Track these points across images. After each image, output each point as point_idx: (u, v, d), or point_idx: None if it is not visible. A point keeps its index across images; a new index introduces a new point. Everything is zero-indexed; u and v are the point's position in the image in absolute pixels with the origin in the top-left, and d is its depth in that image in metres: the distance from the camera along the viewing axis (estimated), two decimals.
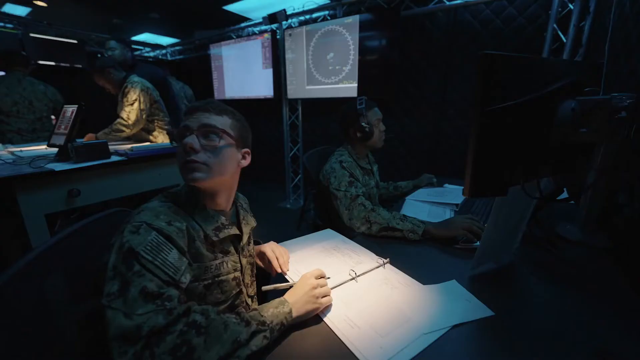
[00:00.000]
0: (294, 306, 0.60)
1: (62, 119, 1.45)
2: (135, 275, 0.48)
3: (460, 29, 2.33)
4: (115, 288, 0.47)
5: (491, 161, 0.57)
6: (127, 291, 0.47)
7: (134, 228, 0.53)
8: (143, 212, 0.57)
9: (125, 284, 0.47)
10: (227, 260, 0.69)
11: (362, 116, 1.28)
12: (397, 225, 0.98)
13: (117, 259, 0.50)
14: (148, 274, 0.49)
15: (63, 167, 1.25)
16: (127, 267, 0.49)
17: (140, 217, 0.55)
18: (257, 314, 0.56)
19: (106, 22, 3.82)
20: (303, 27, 2.90)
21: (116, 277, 0.48)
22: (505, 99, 0.54)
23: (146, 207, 0.59)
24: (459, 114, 2.49)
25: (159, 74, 2.63)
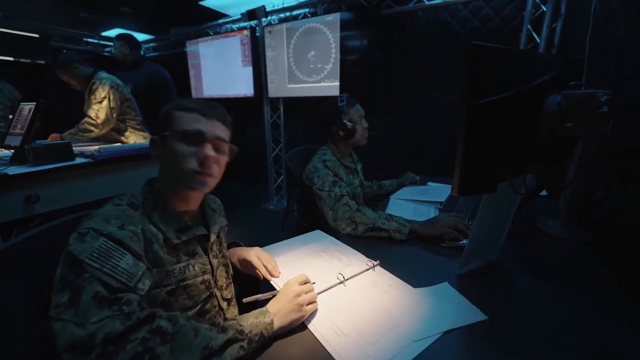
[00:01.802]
0: (276, 316, 0.56)
1: (18, 118, 1.32)
2: (86, 282, 0.45)
3: (440, 28, 2.35)
4: (65, 298, 0.43)
5: (480, 157, 0.55)
6: (79, 299, 0.43)
7: (80, 235, 0.49)
8: (93, 217, 0.53)
9: (76, 292, 0.44)
10: (193, 262, 0.64)
11: (344, 113, 1.25)
12: (383, 225, 0.95)
13: (64, 268, 0.47)
14: (98, 281, 0.46)
15: (19, 170, 1.13)
16: (76, 275, 0.45)
17: (88, 224, 0.51)
18: (234, 323, 0.52)
19: (72, 16, 3.58)
20: (283, 25, 2.84)
21: (65, 288, 0.45)
22: (493, 92, 0.52)
23: (97, 212, 0.55)
24: (440, 113, 2.52)
25: (158, 74, 2.53)
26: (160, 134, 0.62)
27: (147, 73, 2.44)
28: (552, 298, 0.66)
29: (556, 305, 0.63)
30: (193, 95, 3.91)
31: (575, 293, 0.67)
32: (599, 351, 0.51)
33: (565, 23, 1.89)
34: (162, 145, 0.62)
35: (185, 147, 0.60)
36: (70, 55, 1.90)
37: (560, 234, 0.94)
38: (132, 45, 2.47)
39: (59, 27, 3.84)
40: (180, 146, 0.60)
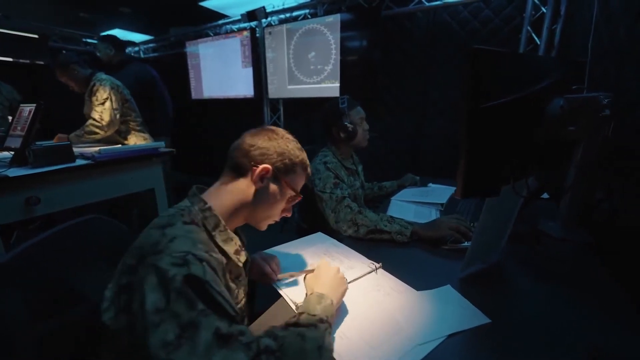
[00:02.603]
0: (332, 295, 0.57)
1: (19, 120, 1.31)
2: (201, 315, 0.39)
3: (440, 29, 2.36)
4: (172, 336, 0.37)
5: (483, 161, 0.55)
6: (196, 336, 0.37)
7: (179, 260, 0.42)
8: (176, 239, 0.46)
9: (189, 327, 0.38)
10: (240, 286, 0.63)
11: (344, 115, 1.25)
12: (385, 227, 0.95)
13: (165, 297, 0.39)
14: (215, 312, 0.41)
15: (19, 172, 1.13)
16: (188, 306, 0.39)
17: (179, 247, 0.45)
18: (308, 316, 0.51)
19: (72, 16, 3.57)
20: (283, 26, 2.84)
21: (168, 321, 0.38)
22: (495, 96, 0.52)
23: (175, 233, 0.47)
24: (439, 113, 2.52)
25: (147, 73, 2.52)
26: (278, 175, 0.64)
27: (135, 73, 2.41)
28: (553, 300, 0.66)
29: (557, 307, 0.64)
30: (193, 96, 3.90)
31: (576, 295, 0.67)
32: (599, 353, 0.51)
33: (565, 25, 1.90)
34: (272, 183, 0.64)
35: (284, 201, 0.67)
36: (69, 56, 1.89)
37: (560, 235, 0.94)
38: (117, 45, 2.45)
39: (58, 28, 3.83)
40: (283, 198, 0.66)
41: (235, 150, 0.64)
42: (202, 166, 4.53)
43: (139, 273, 0.42)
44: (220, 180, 0.65)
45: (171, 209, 0.56)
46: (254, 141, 0.63)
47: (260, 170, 0.61)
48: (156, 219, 0.52)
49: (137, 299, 0.40)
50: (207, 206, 0.58)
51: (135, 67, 2.47)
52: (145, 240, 0.47)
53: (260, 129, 0.68)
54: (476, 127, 0.52)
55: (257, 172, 0.61)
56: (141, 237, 0.49)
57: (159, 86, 2.62)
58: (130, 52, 4.79)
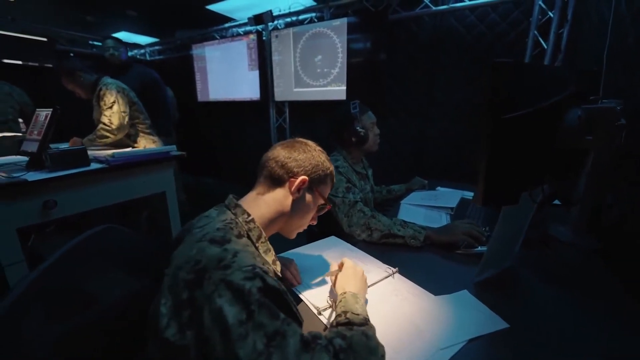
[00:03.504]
0: (362, 294, 0.62)
1: (35, 124, 1.33)
2: (284, 324, 0.41)
3: (446, 33, 2.37)
4: (261, 345, 0.38)
5: (503, 170, 0.56)
6: (284, 344, 0.39)
7: (250, 274, 0.43)
8: (239, 254, 0.47)
9: (276, 336, 0.39)
10: None
11: (356, 120, 1.26)
12: (398, 231, 0.96)
13: (246, 310, 0.40)
14: (294, 320, 0.43)
15: (38, 176, 1.15)
16: (271, 316, 0.41)
17: (244, 261, 0.46)
18: (353, 315, 0.54)
19: (78, 18, 3.61)
20: (290, 29, 2.86)
21: (254, 332, 0.39)
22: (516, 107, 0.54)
23: (236, 248, 0.48)
24: (444, 116, 2.53)
25: (150, 76, 2.54)
26: (312, 186, 0.68)
27: (138, 75, 2.43)
28: (566, 304, 0.68)
29: (570, 312, 0.65)
30: (199, 99, 3.93)
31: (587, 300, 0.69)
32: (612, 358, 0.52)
33: (572, 29, 1.91)
34: (307, 193, 0.68)
35: (315, 210, 0.71)
36: (74, 63, 1.89)
37: (570, 240, 0.96)
38: (123, 47, 2.48)
39: (65, 30, 3.86)
40: (315, 207, 0.70)
41: (269, 161, 0.66)
42: (207, 167, 4.55)
43: (205, 288, 0.42)
44: (255, 190, 0.67)
45: (217, 223, 0.55)
46: (289, 153, 0.66)
47: (299, 182, 0.64)
48: (202, 232, 0.51)
49: (208, 313, 0.40)
50: (250, 218, 0.60)
51: (138, 69, 2.49)
52: (200, 255, 0.46)
53: (292, 141, 0.70)
54: (497, 138, 0.53)
55: (296, 184, 0.64)
56: (189, 251, 0.48)
57: (161, 88, 2.65)
58: (136, 54, 4.83)
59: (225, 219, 0.56)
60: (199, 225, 0.55)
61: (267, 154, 0.68)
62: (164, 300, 0.45)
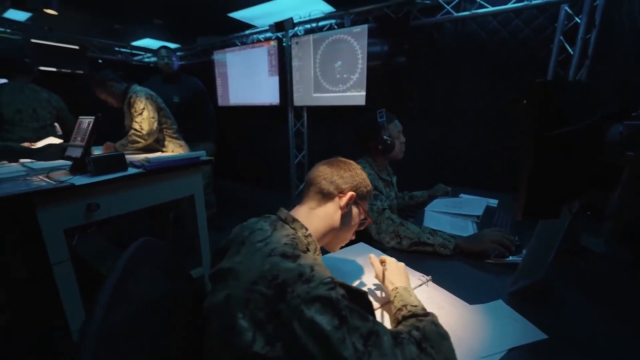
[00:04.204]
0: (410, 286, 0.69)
1: (78, 131, 1.42)
2: (375, 324, 0.45)
3: (468, 39, 2.37)
4: (360, 345, 0.41)
5: (544, 185, 0.58)
6: (380, 342, 0.43)
7: (331, 284, 0.47)
8: (315, 267, 0.49)
9: (370, 336, 0.43)
10: None
11: (383, 129, 1.29)
12: (428, 240, 0.98)
13: (337, 317, 0.43)
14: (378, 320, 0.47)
15: (83, 181, 1.23)
16: (362, 319, 0.44)
17: (321, 274, 0.48)
18: (413, 307, 0.59)
19: (108, 27, 3.79)
20: (310, 36, 2.91)
21: (351, 334, 0.42)
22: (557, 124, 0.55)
23: (309, 262, 0.51)
24: (466, 123, 2.52)
25: (199, 85, 2.74)
26: (357, 201, 0.72)
27: (189, 85, 2.64)
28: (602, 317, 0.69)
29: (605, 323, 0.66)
30: (219, 103, 4.04)
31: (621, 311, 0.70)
32: None
33: (600, 34, 1.88)
34: (353, 208, 0.72)
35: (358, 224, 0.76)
36: (105, 74, 1.99)
37: (601, 250, 0.95)
38: (175, 56, 2.63)
39: (95, 38, 4.06)
40: (358, 221, 0.75)
41: (318, 178, 0.71)
42: (226, 170, 4.66)
43: (289, 302, 0.44)
44: (307, 204, 0.71)
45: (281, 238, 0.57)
46: (337, 171, 0.71)
47: (349, 197, 0.69)
48: (268, 247, 0.53)
49: (299, 325, 0.43)
50: (308, 232, 0.65)
51: (188, 79, 2.70)
52: (276, 269, 0.48)
53: (335, 160, 0.76)
54: (539, 154, 0.55)
55: (346, 199, 0.69)
56: (261, 265, 0.50)
57: (207, 97, 2.85)
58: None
59: (288, 234, 0.59)
60: (257, 239, 0.56)
61: (314, 171, 0.73)
62: (240, 314, 0.46)
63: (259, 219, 0.66)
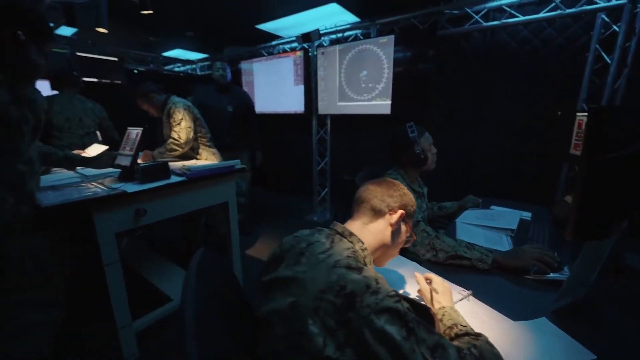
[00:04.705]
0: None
1: (127, 141, 1.54)
2: (440, 337, 0.49)
3: (497, 48, 2.35)
4: (428, 356, 0.46)
5: (595, 207, 0.59)
6: (446, 354, 0.47)
7: (396, 297, 0.51)
8: (379, 280, 0.53)
9: (437, 348, 0.47)
10: None
11: (415, 144, 1.31)
12: (465, 253, 0.99)
13: (405, 328, 0.47)
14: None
15: (133, 188, 1.33)
16: (428, 331, 0.48)
17: (386, 286, 0.53)
18: (463, 327, 0.62)
19: (143, 40, 4.03)
20: (336, 46, 2.98)
21: (419, 345, 0.46)
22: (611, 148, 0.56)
23: (373, 275, 0.55)
24: (494, 132, 2.49)
25: (248, 96, 2.91)
26: (405, 219, 0.76)
27: (240, 95, 2.80)
28: None
29: None
30: None
31: None
32: None
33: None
34: (402, 225, 0.76)
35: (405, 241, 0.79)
36: (147, 86, 2.13)
37: None
38: (229, 69, 2.77)
39: (131, 50, 4.32)
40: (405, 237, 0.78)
41: (369, 196, 0.76)
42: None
43: (359, 311, 0.48)
44: (359, 219, 0.75)
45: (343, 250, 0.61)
46: (387, 190, 0.76)
47: (399, 215, 0.73)
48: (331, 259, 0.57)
49: (370, 333, 0.46)
50: (364, 246, 0.69)
51: (238, 91, 2.86)
52: (343, 280, 0.52)
53: (382, 180, 0.80)
54: (592, 178, 0.56)
55: (396, 216, 0.73)
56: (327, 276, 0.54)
57: (253, 107, 2.99)
58: (187, 69, 5.24)
59: (348, 247, 0.63)
60: (318, 251, 0.61)
61: (365, 190, 0.78)
62: (311, 320, 0.50)
63: (313, 232, 0.71)
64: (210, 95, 2.67)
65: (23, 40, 1.03)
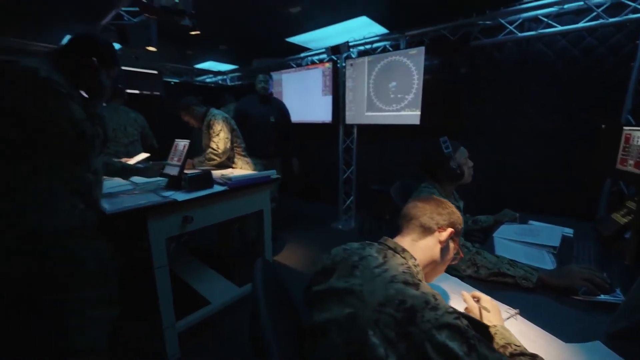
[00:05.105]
0: None
1: (175, 152, 1.66)
2: (502, 355, 0.52)
3: (533, 58, 2.30)
4: None
5: None
6: None
7: (455, 314, 0.53)
8: (435, 296, 0.56)
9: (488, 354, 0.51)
10: None
11: (451, 159, 1.31)
12: (508, 271, 0.99)
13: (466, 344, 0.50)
14: None
15: (183, 197, 1.43)
16: (489, 348, 0.51)
17: (444, 303, 0.56)
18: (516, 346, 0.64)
19: (181, 54, 4.29)
20: (365, 58, 3.03)
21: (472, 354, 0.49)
22: None
23: (429, 291, 0.58)
24: (528, 143, 2.42)
25: (285, 107, 3.01)
26: (454, 237, 0.78)
27: (279, 106, 2.91)
28: None
29: None
30: None
31: None
32: None
33: None
34: (450, 243, 0.78)
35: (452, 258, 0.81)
36: (189, 99, 2.29)
37: None
38: (271, 81, 2.89)
39: (168, 63, 4.61)
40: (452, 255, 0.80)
41: (418, 213, 0.79)
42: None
43: (420, 326, 0.51)
44: (409, 236, 0.78)
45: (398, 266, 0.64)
46: (436, 208, 0.79)
47: (449, 233, 0.76)
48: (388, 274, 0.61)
49: (431, 347, 0.49)
50: (417, 262, 0.71)
51: (278, 101, 2.99)
52: (402, 295, 0.55)
53: (429, 197, 0.83)
54: None
55: (446, 234, 0.76)
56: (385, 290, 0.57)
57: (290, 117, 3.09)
58: (218, 80, 5.49)
59: (403, 263, 0.67)
60: (373, 265, 0.64)
61: (413, 208, 0.80)
62: (371, 331, 0.53)
63: (363, 245, 0.75)
64: (254, 106, 2.78)
65: (96, 66, 1.18)
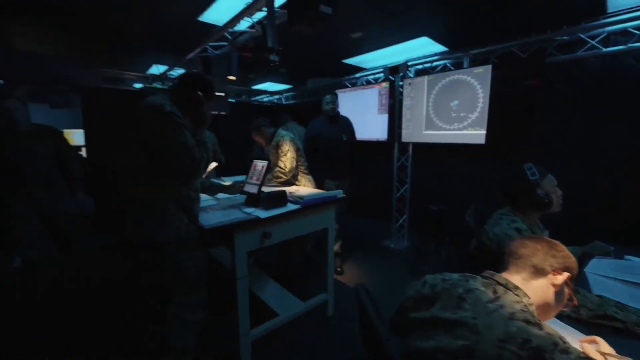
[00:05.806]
0: None
1: (254, 172, 1.82)
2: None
3: (619, 74, 2.11)
4: None
5: None
6: None
7: (585, 357, 0.56)
8: (565, 340, 0.58)
9: None
10: None
11: (538, 187, 1.25)
12: (617, 314, 0.91)
13: None
14: None
15: (265, 214, 1.56)
16: None
17: (574, 348, 0.57)
18: None
19: (245, 77, 4.69)
20: (424, 77, 3.03)
21: None
22: None
23: (553, 332, 0.59)
24: (615, 165, 2.19)
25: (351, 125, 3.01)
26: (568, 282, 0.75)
27: (347, 125, 2.92)
28: None
29: None
30: None
31: None
32: None
33: None
34: (565, 287, 0.75)
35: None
36: (260, 121, 2.50)
37: None
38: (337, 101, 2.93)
39: (232, 85, 5.07)
40: (565, 300, 0.76)
41: (527, 252, 0.77)
42: None
43: None
44: (518, 275, 0.77)
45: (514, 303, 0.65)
46: (549, 250, 0.76)
47: (566, 277, 0.74)
48: (504, 310, 0.62)
49: None
50: (531, 301, 0.71)
51: (346, 120, 2.99)
52: (525, 334, 0.57)
53: (540, 238, 0.81)
54: None
55: (562, 278, 0.73)
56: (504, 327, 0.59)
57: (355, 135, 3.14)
58: (274, 99, 5.87)
59: (518, 301, 0.67)
60: (484, 299, 0.66)
61: (523, 247, 0.79)
62: None
63: (465, 277, 0.76)
64: (324, 127, 2.80)
65: (202, 100, 1.38)
